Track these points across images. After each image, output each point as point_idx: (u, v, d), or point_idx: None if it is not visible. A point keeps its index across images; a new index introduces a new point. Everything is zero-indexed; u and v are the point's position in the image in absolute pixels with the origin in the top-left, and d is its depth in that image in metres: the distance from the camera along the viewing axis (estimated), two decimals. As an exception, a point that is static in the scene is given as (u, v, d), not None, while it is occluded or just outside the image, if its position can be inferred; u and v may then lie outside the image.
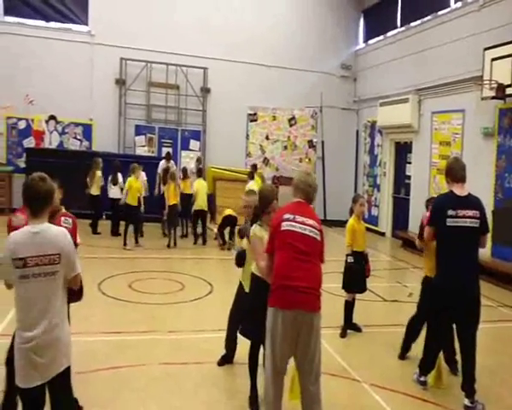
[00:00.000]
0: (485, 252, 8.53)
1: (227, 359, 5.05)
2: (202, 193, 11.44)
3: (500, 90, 9.32)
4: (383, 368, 5.24)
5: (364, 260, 6.15)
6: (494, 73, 9.48)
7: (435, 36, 12.01)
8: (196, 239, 11.48)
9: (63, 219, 4.00)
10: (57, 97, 13.61)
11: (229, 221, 10.87)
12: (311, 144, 15.44)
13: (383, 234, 14.35)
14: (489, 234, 4.70)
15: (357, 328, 6.29)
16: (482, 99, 9.99)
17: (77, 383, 3.15)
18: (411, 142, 13.26)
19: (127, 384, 4.53)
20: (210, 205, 12.17)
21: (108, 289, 7.41)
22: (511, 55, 9.18)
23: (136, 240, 10.72)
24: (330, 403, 4.08)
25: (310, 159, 15.39)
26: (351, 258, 5.99)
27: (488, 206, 8.95)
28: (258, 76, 15.01)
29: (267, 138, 15.28)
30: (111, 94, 14.40)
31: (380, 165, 14.78)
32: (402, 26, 13.88)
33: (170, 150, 13.89)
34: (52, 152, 13.29)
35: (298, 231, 3.62)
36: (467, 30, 10.83)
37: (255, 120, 15.23)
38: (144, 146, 14.39)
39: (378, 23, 15.31)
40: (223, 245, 11.01)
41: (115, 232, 11.64)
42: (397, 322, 6.69)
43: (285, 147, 15.35)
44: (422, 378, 4.79)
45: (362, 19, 16.30)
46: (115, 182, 11.64)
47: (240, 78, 14.87)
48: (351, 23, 16.21)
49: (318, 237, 3.69)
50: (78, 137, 14.32)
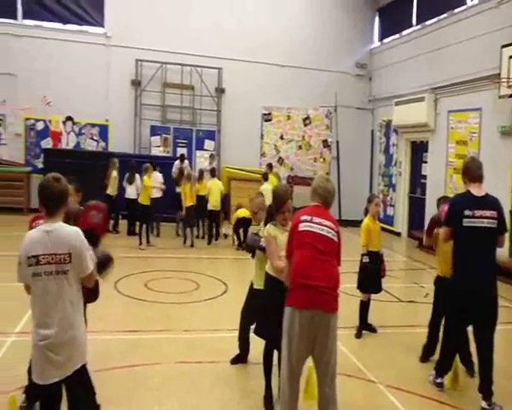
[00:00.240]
0: (502, 252, 8.40)
1: (240, 358, 5.06)
2: (215, 193, 11.47)
3: (518, 88, 9.19)
4: (399, 369, 5.20)
5: (380, 260, 6.11)
6: (512, 71, 9.35)
7: (451, 34, 11.87)
8: (210, 239, 11.53)
9: (93, 212, 3.68)
10: (74, 99, 13.78)
11: (243, 223, 10.88)
12: (326, 144, 15.40)
13: (399, 234, 14.24)
14: (507, 234, 4.64)
15: (372, 329, 6.25)
16: (499, 97, 9.85)
17: (93, 381, 3.18)
18: (427, 141, 13.14)
19: (143, 383, 4.57)
20: (224, 205, 12.18)
21: (124, 288, 7.48)
22: (530, 52, 9.06)
23: (147, 240, 10.76)
24: (346, 404, 4.06)
25: (324, 159, 15.35)
26: (366, 258, 5.97)
27: (506, 205, 8.81)
28: (272, 76, 15.00)
29: (281, 138, 15.28)
30: (127, 95, 14.53)
31: (395, 164, 14.66)
32: (418, 25, 13.75)
33: (184, 151, 13.99)
34: (69, 153, 13.47)
35: (316, 232, 3.62)
36: (484, 27, 10.68)
37: (270, 120, 15.24)
38: (159, 146, 14.48)
39: (393, 21, 15.20)
40: (239, 246, 11.02)
41: (131, 232, 11.75)
42: (413, 323, 6.65)
43: (299, 147, 15.33)
44: (439, 380, 4.75)
45: (377, 17, 16.20)
46: (131, 182, 11.74)
47: (254, 78, 14.88)
48: (366, 22, 16.11)
49: (335, 239, 3.68)
50: (94, 137, 14.49)
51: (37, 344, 2.94)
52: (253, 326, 4.50)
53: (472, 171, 4.51)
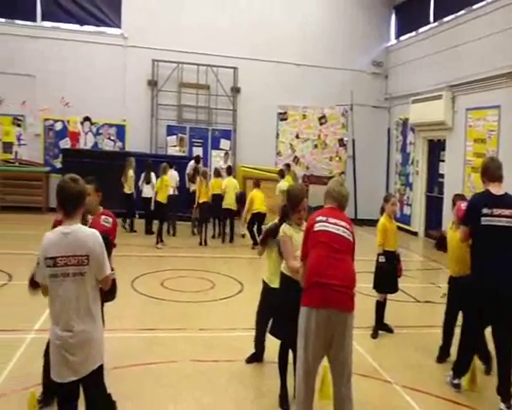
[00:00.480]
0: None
1: (256, 357, 5.08)
2: (231, 192, 11.51)
3: (538, 85, 9.04)
4: (415, 370, 5.17)
5: (396, 259, 6.07)
6: (532, 68, 9.20)
7: (469, 31, 11.71)
8: (224, 237, 11.56)
9: (103, 217, 3.93)
10: (91, 99, 13.94)
11: (257, 218, 10.88)
12: (342, 143, 15.33)
13: (416, 233, 14.11)
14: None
15: (388, 329, 6.21)
16: (519, 95, 9.71)
17: (111, 378, 3.23)
18: (445, 139, 12.99)
19: (158, 380, 4.61)
20: (241, 202, 12.17)
21: (141, 286, 7.55)
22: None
23: (161, 238, 10.78)
24: (361, 404, 4.05)
25: (340, 157, 15.28)
26: (382, 257, 5.93)
27: (526, 205, 8.66)
28: (288, 75, 14.97)
29: (297, 137, 15.25)
30: (143, 95, 14.64)
31: (412, 163, 14.53)
32: (435, 22, 13.61)
33: (200, 150, 14.06)
34: (87, 152, 13.65)
35: (331, 231, 3.63)
36: (502, 24, 10.51)
37: (285, 119, 15.22)
38: (175, 146, 14.57)
39: (410, 19, 15.06)
40: (254, 245, 11.02)
41: (148, 231, 11.86)
42: (429, 323, 6.59)
43: (315, 146, 15.28)
44: (456, 381, 4.70)
45: (393, 15, 16.06)
46: (148, 181, 11.84)
47: (270, 77, 14.87)
48: (382, 19, 15.98)
49: (351, 238, 3.69)
50: (111, 137, 14.64)
51: (54, 343, 2.99)
52: (269, 326, 4.52)
53: (491, 171, 4.46)
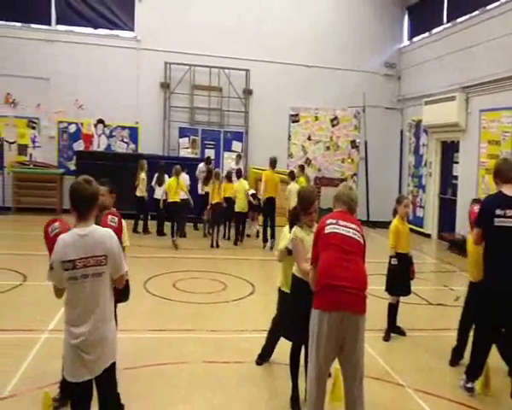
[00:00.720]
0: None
1: (263, 358, 5.07)
2: (242, 195, 11.50)
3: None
4: (427, 373, 5.13)
5: (409, 262, 6.04)
6: (547, 69, 9.09)
7: (483, 31, 11.60)
8: (237, 240, 11.60)
9: (110, 217, 3.94)
10: (105, 102, 14.08)
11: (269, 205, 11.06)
12: (354, 145, 15.24)
13: (429, 236, 13.99)
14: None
15: (400, 331, 6.17)
16: (534, 96, 9.59)
17: (122, 378, 3.26)
18: (458, 141, 12.87)
19: (169, 381, 4.64)
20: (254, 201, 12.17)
21: (153, 287, 7.60)
22: None
23: (172, 235, 10.91)
24: (373, 406, 4.04)
25: (352, 159, 15.20)
26: (394, 260, 5.89)
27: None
28: (300, 76, 14.97)
29: (309, 139, 15.20)
30: (156, 98, 14.75)
31: (425, 165, 14.42)
32: (448, 22, 13.50)
33: (212, 152, 14.09)
34: (100, 155, 13.78)
35: (342, 233, 3.62)
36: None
37: (297, 121, 15.18)
38: (188, 148, 14.64)
39: (423, 20, 14.95)
40: (265, 243, 11.12)
41: (160, 232, 11.92)
42: (442, 326, 6.54)
43: (327, 147, 15.22)
44: (469, 385, 4.65)
45: (406, 16, 15.97)
46: (160, 183, 11.91)
47: (282, 79, 14.89)
48: (395, 20, 15.90)
49: (361, 240, 3.69)
50: (124, 139, 14.77)
51: (69, 343, 3.01)
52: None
53: (504, 172, 4.43)
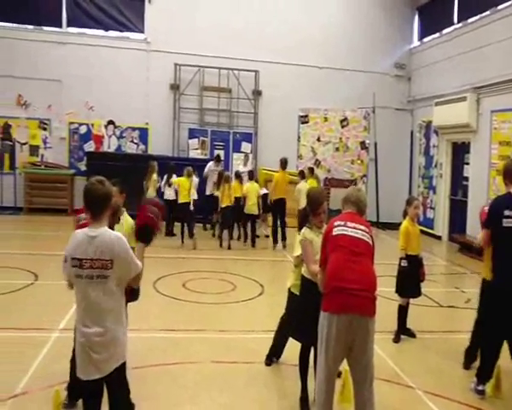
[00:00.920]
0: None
1: (271, 358, 5.07)
2: (253, 197, 11.44)
3: None
4: (437, 375, 5.09)
5: (419, 263, 6.01)
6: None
7: (494, 31, 11.51)
8: (246, 239, 11.60)
9: (152, 207, 3.43)
10: (115, 103, 14.17)
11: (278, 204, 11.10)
12: (364, 146, 15.19)
13: (439, 237, 13.90)
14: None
15: (410, 333, 6.14)
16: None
17: (131, 378, 3.27)
18: (469, 142, 12.78)
19: (177, 381, 4.66)
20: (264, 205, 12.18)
21: (163, 287, 7.63)
22: None
23: (182, 239, 11.06)
24: (383, 407, 4.02)
25: (362, 160, 15.15)
26: (404, 262, 5.87)
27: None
28: (309, 77, 14.96)
29: (318, 140, 15.17)
30: (166, 99, 14.82)
31: (436, 166, 14.33)
32: (459, 23, 13.41)
33: (222, 153, 14.12)
34: (111, 155, 13.86)
35: (350, 235, 3.61)
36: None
37: (306, 122, 15.16)
38: (197, 149, 14.69)
39: (433, 20, 14.86)
40: (275, 243, 11.15)
41: (170, 232, 11.97)
42: (453, 329, 6.51)
43: (337, 148, 15.18)
44: (480, 387, 4.61)
45: (416, 16, 15.89)
46: (170, 184, 11.95)
47: (291, 80, 14.88)
48: (405, 21, 15.83)
49: (370, 241, 3.67)
50: (134, 140, 14.86)
51: (79, 341, 3.05)
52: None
53: (513, 173, 4.40)
